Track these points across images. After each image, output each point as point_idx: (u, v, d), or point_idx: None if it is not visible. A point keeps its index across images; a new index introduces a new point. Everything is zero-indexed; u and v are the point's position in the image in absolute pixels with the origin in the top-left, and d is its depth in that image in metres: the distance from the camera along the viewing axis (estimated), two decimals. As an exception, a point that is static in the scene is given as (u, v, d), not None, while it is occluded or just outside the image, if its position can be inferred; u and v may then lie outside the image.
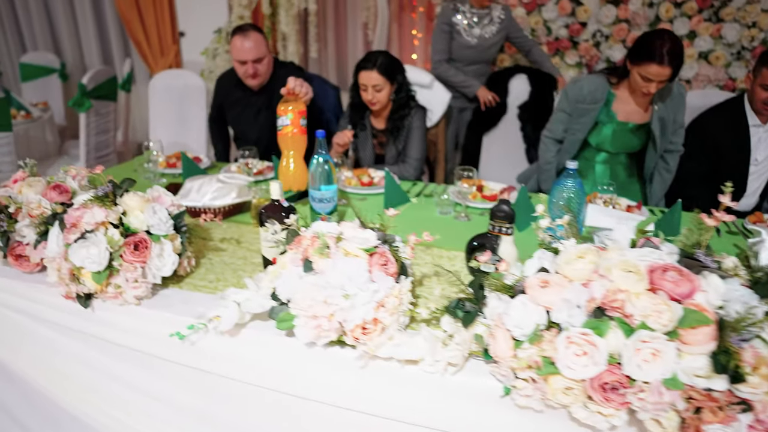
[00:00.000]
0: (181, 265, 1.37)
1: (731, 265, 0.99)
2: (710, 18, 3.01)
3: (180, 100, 3.02)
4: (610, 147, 2.25)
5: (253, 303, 1.18)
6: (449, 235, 1.67)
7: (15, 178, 1.47)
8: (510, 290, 1.09)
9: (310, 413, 1.22)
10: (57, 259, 1.25)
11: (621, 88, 2.18)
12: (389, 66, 2.30)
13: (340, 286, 1.07)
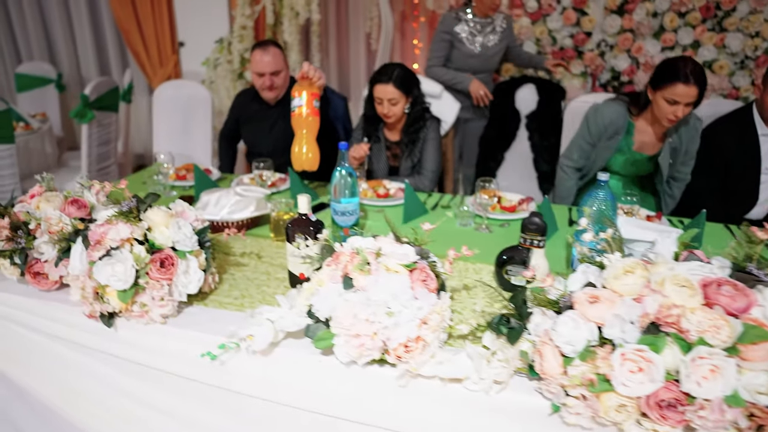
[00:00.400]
0: (205, 281, 1.33)
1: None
2: (714, 28, 3.04)
3: (184, 110, 2.98)
4: (620, 170, 2.27)
5: (287, 321, 1.15)
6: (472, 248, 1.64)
7: (32, 193, 1.42)
8: (555, 305, 1.07)
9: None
10: (81, 277, 1.21)
11: (640, 119, 2.17)
12: (405, 79, 2.27)
13: (383, 304, 1.04)
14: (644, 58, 3.18)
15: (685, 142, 2.15)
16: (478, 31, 3.02)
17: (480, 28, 3.02)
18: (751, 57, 3.02)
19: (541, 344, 1.03)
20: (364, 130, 2.47)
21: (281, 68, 2.43)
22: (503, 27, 3.07)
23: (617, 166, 2.24)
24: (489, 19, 3.04)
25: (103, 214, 1.27)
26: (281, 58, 2.44)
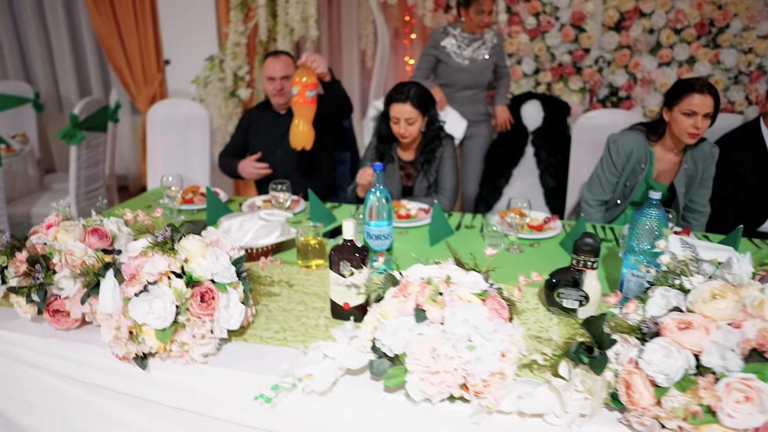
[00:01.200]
0: (244, 315, 1.23)
1: None
2: (708, 44, 3.10)
3: (181, 130, 2.86)
4: (640, 200, 2.22)
5: (349, 358, 1.07)
6: (510, 269, 1.58)
7: (48, 222, 1.30)
8: (637, 332, 1.02)
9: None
10: (114, 315, 1.09)
11: (657, 146, 2.14)
12: (422, 98, 2.22)
13: (464, 337, 0.96)
14: (642, 73, 3.22)
15: (700, 169, 2.13)
16: (467, 45, 2.99)
17: (468, 42, 2.99)
18: (745, 72, 3.08)
19: (627, 374, 0.97)
20: (377, 150, 2.40)
21: (291, 74, 2.46)
22: (494, 42, 3.02)
23: (638, 196, 2.21)
24: (478, 35, 3.00)
25: (136, 246, 1.16)
26: (292, 66, 2.52)
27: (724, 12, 3.00)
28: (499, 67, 3.09)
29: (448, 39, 2.99)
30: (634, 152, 2.16)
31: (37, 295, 1.20)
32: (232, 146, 2.64)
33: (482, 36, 2.98)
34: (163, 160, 2.89)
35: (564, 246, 1.82)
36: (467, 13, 2.92)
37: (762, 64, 3.05)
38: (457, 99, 3.04)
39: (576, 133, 2.62)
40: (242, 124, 2.65)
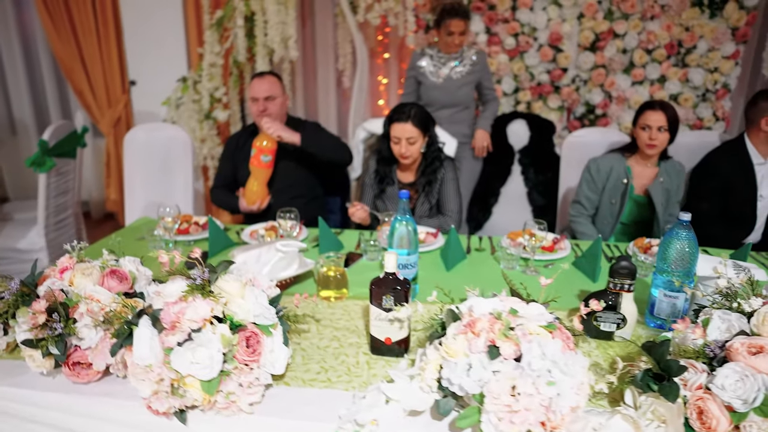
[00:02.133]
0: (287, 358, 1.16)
1: None
2: (677, 64, 3.25)
3: (162, 155, 2.73)
4: (626, 219, 2.39)
5: (414, 399, 1.02)
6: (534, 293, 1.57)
7: (62, 266, 1.19)
8: (702, 357, 1.01)
9: None
10: (156, 368, 1.00)
11: (632, 159, 2.36)
12: (422, 118, 2.22)
13: (542, 372, 0.93)
14: (617, 92, 3.34)
15: (674, 184, 2.32)
16: (443, 64, 3.00)
17: (444, 61, 3.00)
18: (712, 90, 3.25)
19: (698, 399, 0.96)
20: (377, 172, 2.36)
21: (276, 95, 2.42)
22: (473, 60, 3.00)
23: (625, 215, 2.35)
24: (456, 54, 3.00)
25: (171, 290, 1.07)
26: (277, 86, 2.45)
27: (691, 34, 3.16)
28: (483, 88, 3.07)
29: (425, 59, 3.03)
30: (613, 169, 2.35)
31: (57, 348, 1.09)
32: (223, 179, 2.54)
33: (461, 54, 2.99)
34: (142, 187, 2.75)
35: (578, 266, 1.83)
36: (440, 34, 2.96)
37: (726, 83, 3.22)
38: (437, 118, 2.98)
39: (566, 151, 2.67)
40: (228, 152, 2.55)
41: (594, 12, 3.22)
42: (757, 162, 2.36)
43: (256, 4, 3.23)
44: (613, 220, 2.34)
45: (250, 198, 2.33)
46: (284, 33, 3.24)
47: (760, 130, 2.33)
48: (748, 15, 3.07)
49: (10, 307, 1.13)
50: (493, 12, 3.33)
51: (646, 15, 3.18)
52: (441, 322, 1.10)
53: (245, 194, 2.34)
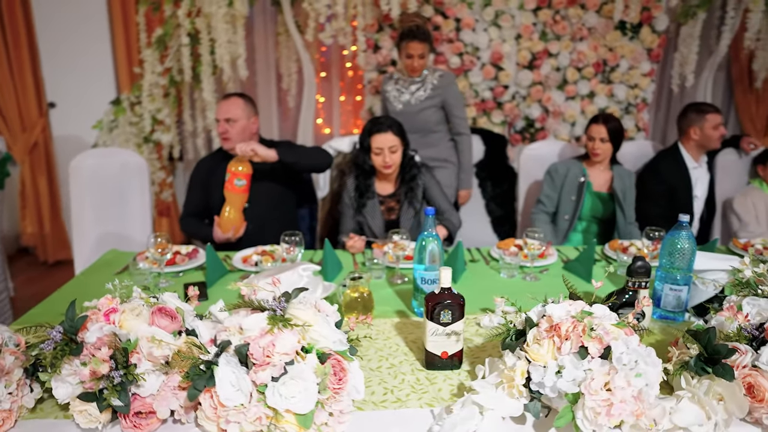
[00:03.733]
0: (360, 381, 1.14)
1: None
2: (604, 80, 3.59)
3: (115, 183, 2.53)
4: (588, 213, 2.63)
5: (508, 406, 1.05)
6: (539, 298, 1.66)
7: (108, 308, 1.08)
8: (743, 339, 1.15)
9: None
10: (251, 407, 0.95)
11: (586, 163, 2.65)
12: (400, 126, 2.31)
13: (630, 366, 1.00)
14: (553, 106, 3.61)
15: (626, 186, 2.61)
16: (405, 88, 2.93)
17: (407, 85, 2.93)
18: (633, 104, 3.62)
19: (747, 377, 1.09)
20: (357, 188, 2.37)
21: (236, 117, 2.31)
22: (434, 84, 2.90)
23: (586, 209, 2.59)
24: (419, 78, 2.92)
25: (252, 323, 1.02)
26: (240, 108, 2.34)
27: (614, 54, 3.51)
28: (452, 115, 2.92)
29: (390, 83, 2.99)
30: (570, 170, 2.62)
31: (120, 398, 0.99)
32: (193, 207, 2.40)
33: (423, 78, 2.91)
34: (93, 219, 2.52)
35: (570, 269, 1.96)
36: (400, 56, 2.91)
37: (644, 97, 3.61)
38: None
39: (523, 162, 2.85)
40: (198, 178, 2.42)
41: (530, 33, 3.48)
42: (692, 166, 2.68)
43: (202, 22, 3.12)
44: (572, 215, 2.59)
45: (226, 226, 2.21)
46: (233, 52, 3.15)
47: (690, 138, 2.65)
48: (659, 38, 3.48)
49: (53, 359, 1.00)
50: (438, 32, 3.48)
51: (576, 36, 3.49)
52: (516, 330, 1.15)
53: (220, 222, 2.22)
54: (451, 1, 3.39)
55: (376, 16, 3.44)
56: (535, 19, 3.48)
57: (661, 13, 3.40)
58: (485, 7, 3.44)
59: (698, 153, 2.70)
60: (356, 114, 4.46)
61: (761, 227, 2.64)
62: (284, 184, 2.43)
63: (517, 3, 3.45)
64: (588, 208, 2.61)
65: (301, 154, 2.31)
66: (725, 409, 1.07)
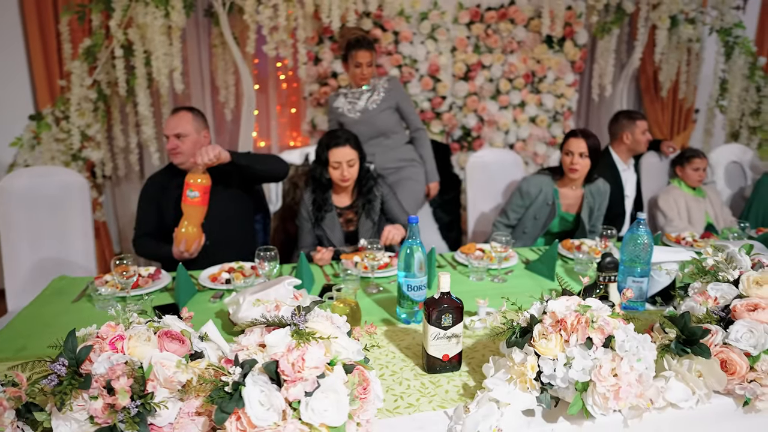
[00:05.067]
0: (375, 389, 1.16)
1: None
2: (533, 90, 3.83)
3: (52, 205, 2.34)
4: (553, 229, 2.66)
5: (523, 399, 1.11)
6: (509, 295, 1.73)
7: (113, 336, 1.02)
8: (712, 320, 1.28)
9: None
10: (289, 424, 0.93)
11: (560, 184, 2.60)
12: (356, 139, 2.34)
13: (631, 353, 1.10)
14: (488, 116, 3.79)
15: (597, 202, 2.63)
16: (357, 98, 2.98)
17: (359, 96, 2.98)
18: (560, 112, 3.89)
19: (719, 353, 1.22)
20: (314, 202, 2.36)
21: (187, 132, 2.23)
22: (386, 87, 2.98)
23: (554, 227, 2.65)
24: (368, 87, 2.98)
25: (275, 339, 1.00)
26: (189, 123, 2.26)
27: (542, 65, 3.76)
28: (405, 113, 3.01)
29: (339, 99, 3.00)
30: (542, 191, 2.58)
31: (141, 430, 0.93)
32: (147, 226, 2.28)
33: (373, 86, 2.98)
34: (27, 244, 2.31)
35: (532, 269, 2.07)
36: (347, 68, 2.96)
37: (570, 106, 3.89)
38: (368, 151, 2.87)
39: (470, 170, 2.97)
40: (149, 196, 2.30)
41: (465, 46, 3.64)
42: (622, 168, 2.93)
43: (135, 33, 2.97)
44: (535, 232, 2.62)
45: (179, 241, 2.11)
46: (170, 65, 3.02)
47: (621, 143, 2.90)
48: (580, 51, 3.77)
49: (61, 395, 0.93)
50: (377, 45, 3.55)
51: (507, 49, 3.70)
52: (521, 328, 1.21)
53: (178, 238, 2.12)
54: (390, 14, 3.47)
55: (316, 29, 3.44)
56: (469, 32, 3.65)
57: (581, 29, 3.70)
58: (422, 21, 3.56)
59: (627, 156, 2.96)
60: (293, 126, 4.43)
61: (683, 222, 2.93)
62: (239, 197, 2.37)
63: (452, 17, 3.61)
64: (555, 225, 2.65)
65: (257, 160, 2.26)
66: (705, 384, 1.20)
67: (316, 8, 3.23)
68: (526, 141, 3.86)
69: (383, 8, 3.39)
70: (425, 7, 3.56)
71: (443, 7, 3.58)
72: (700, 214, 2.94)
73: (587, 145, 2.45)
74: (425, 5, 3.56)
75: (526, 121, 3.83)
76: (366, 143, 2.93)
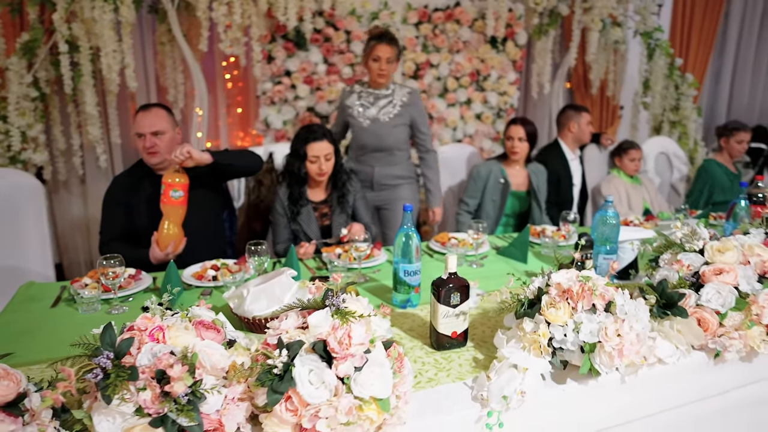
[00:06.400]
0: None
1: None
2: (478, 89, 4.00)
3: (5, 208, 2.19)
4: (510, 210, 2.94)
5: (540, 364, 1.21)
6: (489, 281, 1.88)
7: (152, 327, 1.01)
8: (686, 284, 1.45)
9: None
10: (343, 399, 0.97)
11: (506, 165, 2.93)
12: (331, 134, 2.38)
13: (633, 316, 1.23)
14: (437, 113, 3.92)
15: (540, 180, 2.95)
16: (371, 103, 2.78)
17: (373, 100, 2.78)
18: (504, 109, 4.09)
19: (694, 313, 1.39)
20: (290, 196, 2.37)
21: (164, 129, 2.19)
22: (403, 101, 2.78)
23: (507, 208, 2.89)
24: (385, 91, 2.79)
25: (317, 321, 1.04)
26: (166, 120, 2.21)
27: (486, 65, 3.94)
28: (418, 131, 2.84)
29: (353, 97, 2.80)
30: (492, 173, 2.85)
31: (194, 418, 0.94)
32: (115, 230, 2.18)
33: (391, 93, 2.79)
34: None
35: (505, 253, 2.20)
36: (367, 64, 2.73)
37: (512, 103, 4.10)
38: (368, 161, 2.83)
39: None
40: (115, 199, 2.20)
41: (413, 45, 3.75)
42: (570, 158, 3.15)
43: (80, 28, 2.82)
44: (497, 214, 2.84)
45: (165, 242, 2.04)
46: (120, 62, 2.90)
47: (569, 131, 3.12)
48: (521, 51, 3.99)
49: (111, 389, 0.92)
50: (329, 44, 3.58)
51: (453, 49, 3.85)
52: (528, 300, 1.31)
53: (159, 239, 2.05)
54: (342, 14, 3.51)
55: (269, 27, 3.42)
56: (417, 32, 3.76)
57: (521, 30, 3.92)
58: (373, 21, 3.63)
59: (574, 146, 3.19)
60: (240, 126, 4.35)
61: (624, 207, 3.21)
62: (209, 195, 2.33)
63: (401, 17, 3.71)
64: (509, 206, 2.90)
65: (235, 156, 2.24)
66: (686, 341, 1.36)
67: (269, 6, 3.22)
68: (473, 137, 4.04)
69: (335, 8, 3.43)
70: (375, 7, 3.64)
71: (393, 8, 3.67)
72: (638, 200, 3.23)
73: (525, 131, 2.86)
74: (375, 5, 3.63)
75: (473, 118, 4.00)
76: (367, 155, 2.83)
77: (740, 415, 1.49)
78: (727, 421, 1.47)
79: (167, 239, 2.03)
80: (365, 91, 2.81)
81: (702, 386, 1.41)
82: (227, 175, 2.30)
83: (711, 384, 1.42)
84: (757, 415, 1.51)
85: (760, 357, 1.44)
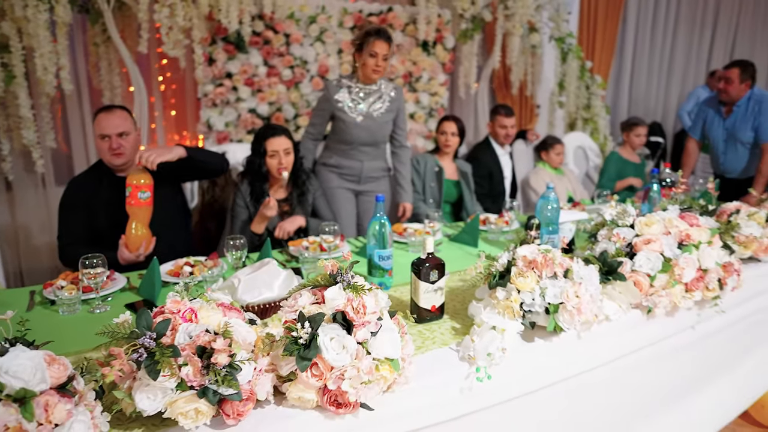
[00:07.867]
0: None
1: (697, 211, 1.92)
2: (411, 89, 4.22)
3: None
4: (449, 199, 3.25)
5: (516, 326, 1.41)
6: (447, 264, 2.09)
7: (185, 309, 1.09)
8: (622, 254, 1.71)
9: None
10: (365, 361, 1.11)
11: (437, 156, 3.27)
12: (289, 131, 2.49)
13: (588, 281, 1.46)
14: (375, 113, 4.10)
15: (468, 173, 3.28)
16: (362, 99, 2.79)
17: (364, 96, 2.80)
18: (435, 109, 4.34)
19: (630, 277, 1.66)
20: (252, 193, 2.44)
21: (129, 130, 2.21)
22: (391, 96, 2.86)
23: (444, 196, 3.17)
24: (375, 86, 2.82)
25: (334, 293, 1.17)
26: (129, 121, 2.24)
27: (418, 67, 4.17)
28: (397, 127, 2.92)
29: (342, 92, 2.77)
30: (427, 162, 3.19)
31: (234, 387, 1.03)
32: (75, 233, 2.14)
33: (379, 88, 2.83)
34: None
35: (458, 240, 2.41)
36: (360, 57, 2.72)
37: (442, 103, 4.37)
38: (356, 156, 2.87)
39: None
40: (74, 202, 2.17)
41: (350, 48, 3.89)
42: (500, 153, 3.44)
43: (10, 27, 2.70)
44: (437, 199, 3.12)
45: (136, 244, 2.05)
46: (58, 63, 2.80)
47: (495, 125, 3.42)
48: (449, 54, 4.26)
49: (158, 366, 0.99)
50: (269, 46, 3.64)
51: (388, 52, 4.04)
52: (499, 273, 1.50)
53: (127, 241, 2.05)
54: (281, 17, 3.58)
55: (209, 29, 3.43)
56: (353, 36, 3.91)
57: (449, 34, 4.18)
58: (311, 24, 3.73)
59: (502, 142, 3.50)
60: (176, 129, 4.28)
61: (551, 196, 3.56)
62: (171, 195, 2.35)
63: (337, 21, 3.84)
64: (444, 192, 3.18)
65: (205, 153, 2.28)
66: (626, 301, 1.62)
67: (210, 9, 3.23)
68: (407, 135, 4.25)
69: (275, 11, 3.50)
70: (313, 11, 3.74)
71: (329, 12, 3.79)
72: (563, 190, 3.59)
73: (457, 126, 3.25)
74: (313, 9, 3.74)
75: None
76: (355, 149, 2.86)
77: (669, 361, 1.78)
78: (661, 366, 1.76)
79: (137, 241, 2.03)
80: (355, 86, 2.80)
81: (638, 338, 1.68)
82: (194, 173, 2.33)
83: (645, 335, 1.69)
84: (680, 359, 1.81)
85: (681, 311, 1.73)
